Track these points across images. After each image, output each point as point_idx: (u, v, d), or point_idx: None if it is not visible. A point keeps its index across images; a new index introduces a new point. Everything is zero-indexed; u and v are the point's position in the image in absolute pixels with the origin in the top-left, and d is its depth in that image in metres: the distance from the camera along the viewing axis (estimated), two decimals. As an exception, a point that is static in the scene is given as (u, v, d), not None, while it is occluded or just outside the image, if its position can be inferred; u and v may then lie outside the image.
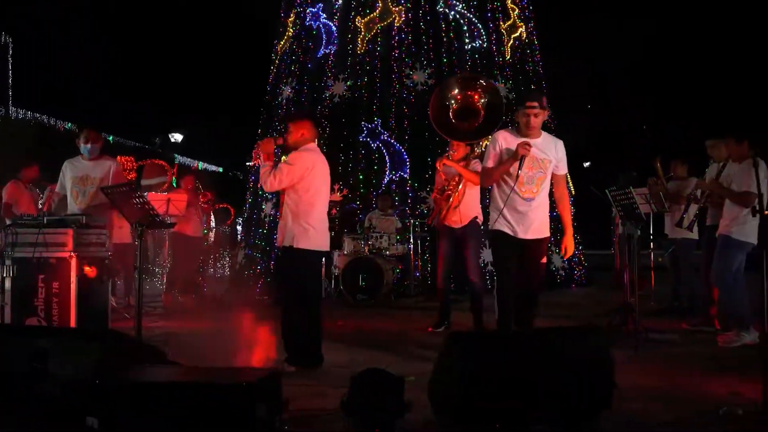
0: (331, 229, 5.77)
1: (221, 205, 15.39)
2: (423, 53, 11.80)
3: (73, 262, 5.23)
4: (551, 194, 4.98)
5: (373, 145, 11.60)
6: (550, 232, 5.12)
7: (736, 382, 4.40)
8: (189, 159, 24.44)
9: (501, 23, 12.53)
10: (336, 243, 10.48)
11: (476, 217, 6.85)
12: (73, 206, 6.20)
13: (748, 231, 5.91)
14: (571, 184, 12.25)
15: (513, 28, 12.72)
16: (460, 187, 6.64)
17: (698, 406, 3.89)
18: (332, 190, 11.17)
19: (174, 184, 11.51)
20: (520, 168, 4.64)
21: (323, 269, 10.18)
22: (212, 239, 13.40)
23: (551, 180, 4.89)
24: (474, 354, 3.20)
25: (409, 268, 10.31)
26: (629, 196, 6.22)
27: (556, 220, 13.01)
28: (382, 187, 11.45)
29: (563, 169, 4.96)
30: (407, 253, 10.27)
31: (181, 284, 9.53)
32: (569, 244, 4.99)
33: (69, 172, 6.33)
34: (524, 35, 12.89)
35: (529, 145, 4.62)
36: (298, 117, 5.88)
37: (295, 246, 4.83)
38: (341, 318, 7.88)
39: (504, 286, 4.76)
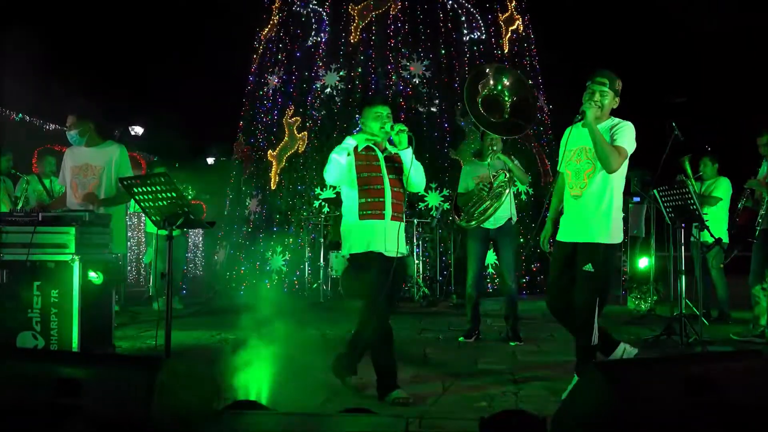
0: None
1: (194, 201, 14.55)
2: (420, 43, 11.18)
3: (76, 267, 4.44)
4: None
5: (368, 140, 10.93)
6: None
7: None
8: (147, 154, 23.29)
9: (499, 14, 12.00)
10: (333, 244, 9.82)
11: (510, 218, 6.27)
12: (72, 200, 5.30)
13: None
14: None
15: (510, 20, 12.21)
16: (505, 182, 6.02)
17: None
18: (324, 186, 10.58)
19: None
20: None
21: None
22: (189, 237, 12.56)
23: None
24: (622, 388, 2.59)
25: (412, 271, 9.69)
26: (685, 194, 5.72)
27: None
28: (378, 184, 10.80)
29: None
30: (408, 255, 9.64)
31: (174, 288, 8.72)
32: None
33: (69, 161, 5.38)
34: (521, 28, 12.39)
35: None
36: None
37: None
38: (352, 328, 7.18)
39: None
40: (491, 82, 6.14)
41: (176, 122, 23.65)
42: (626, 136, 4.08)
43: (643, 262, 9.75)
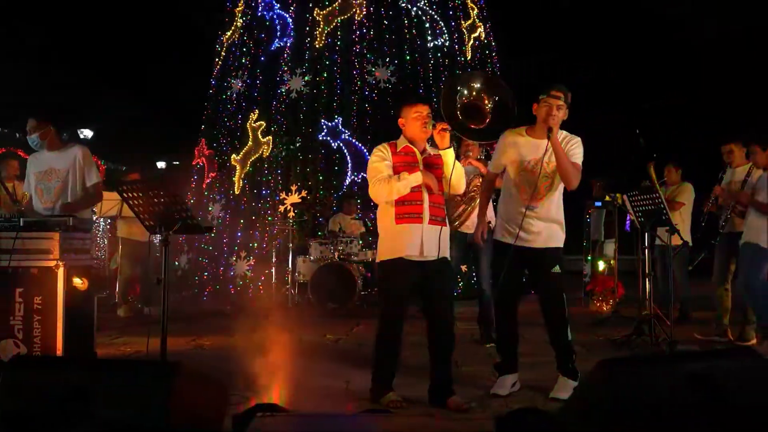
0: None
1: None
2: (385, 49, 11.27)
3: (60, 273, 4.36)
4: None
5: (334, 145, 10.97)
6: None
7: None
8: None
9: (462, 22, 12.18)
10: (300, 248, 9.82)
11: (489, 222, 6.38)
12: (39, 206, 5.19)
13: (777, 239, 5.75)
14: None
15: (473, 27, 12.41)
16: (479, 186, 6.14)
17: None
18: (289, 191, 10.55)
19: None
20: None
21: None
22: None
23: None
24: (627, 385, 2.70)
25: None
26: (655, 198, 5.93)
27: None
28: (344, 189, 10.84)
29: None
30: (376, 259, 9.69)
31: (144, 294, 8.61)
32: None
33: (33, 167, 5.28)
34: (483, 35, 12.60)
35: None
36: None
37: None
38: (327, 331, 7.22)
39: None
40: (470, 89, 6.26)
41: (127, 125, 23.24)
42: (581, 153, 4.30)
43: (603, 265, 10.05)
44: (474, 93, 6.10)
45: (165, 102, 23.02)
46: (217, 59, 12.74)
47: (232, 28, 12.46)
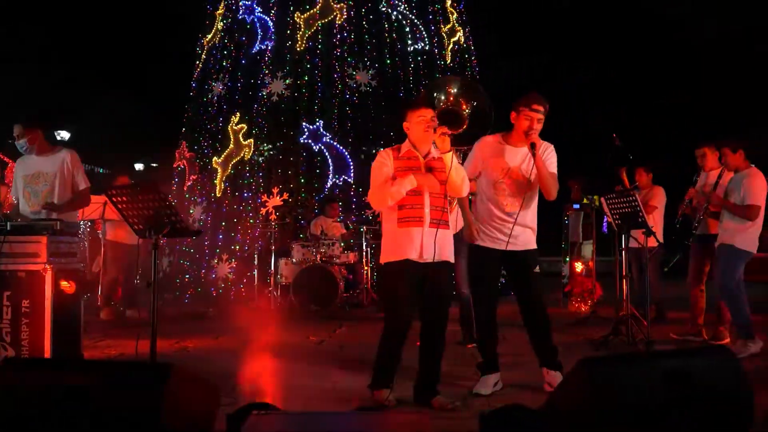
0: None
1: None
2: (366, 53, 11.36)
3: (48, 276, 4.40)
4: None
5: (315, 148, 11.04)
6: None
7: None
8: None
9: (442, 26, 12.32)
10: (281, 251, 9.86)
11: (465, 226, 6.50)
12: (26, 209, 5.23)
13: (749, 241, 5.92)
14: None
15: (452, 32, 12.55)
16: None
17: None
18: (271, 193, 10.60)
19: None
20: None
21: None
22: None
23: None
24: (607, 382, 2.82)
25: (360, 277, 9.83)
26: (632, 201, 6.08)
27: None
28: (325, 192, 10.91)
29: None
30: (358, 262, 9.78)
31: (125, 297, 8.61)
32: None
33: (20, 171, 5.34)
34: (462, 40, 12.75)
35: None
36: None
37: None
38: (310, 333, 7.29)
39: None
40: (447, 94, 6.46)
41: (103, 127, 23.06)
42: (555, 161, 4.48)
43: (581, 266, 10.20)
44: (452, 98, 6.28)
45: (144, 103, 22.92)
46: (197, 62, 12.75)
47: (213, 30, 12.48)
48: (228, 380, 4.39)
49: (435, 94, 6.28)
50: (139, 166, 28.09)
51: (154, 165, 29.16)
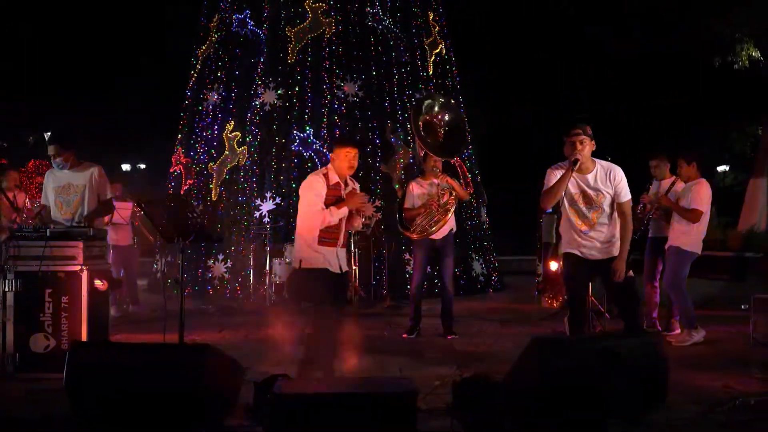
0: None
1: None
2: (353, 65, 12.07)
3: (84, 276, 5.10)
4: None
5: (306, 154, 11.73)
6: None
7: (722, 377, 5.05)
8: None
9: (424, 39, 13.06)
10: (276, 251, 10.55)
11: (452, 230, 7.26)
12: (58, 216, 5.94)
13: (694, 243, 6.72)
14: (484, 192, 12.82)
15: (434, 44, 13.29)
16: (451, 199, 6.98)
17: (707, 399, 4.41)
18: (264, 198, 11.30)
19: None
20: None
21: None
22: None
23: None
24: (553, 357, 3.58)
25: (349, 276, 10.54)
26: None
27: (476, 228, 13.35)
28: (315, 196, 11.58)
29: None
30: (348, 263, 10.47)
31: (129, 295, 9.28)
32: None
33: (51, 183, 6.06)
34: (444, 51, 13.49)
35: None
36: None
37: None
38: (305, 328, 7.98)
39: None
40: (429, 110, 7.36)
41: (90, 129, 23.53)
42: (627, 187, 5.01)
43: (554, 265, 10.97)
44: (432, 114, 7.21)
45: (130, 105, 23.42)
46: (192, 71, 13.40)
47: (207, 42, 13.14)
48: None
49: (419, 109, 7.18)
50: (126, 167, 28.59)
51: (142, 166, 29.70)
